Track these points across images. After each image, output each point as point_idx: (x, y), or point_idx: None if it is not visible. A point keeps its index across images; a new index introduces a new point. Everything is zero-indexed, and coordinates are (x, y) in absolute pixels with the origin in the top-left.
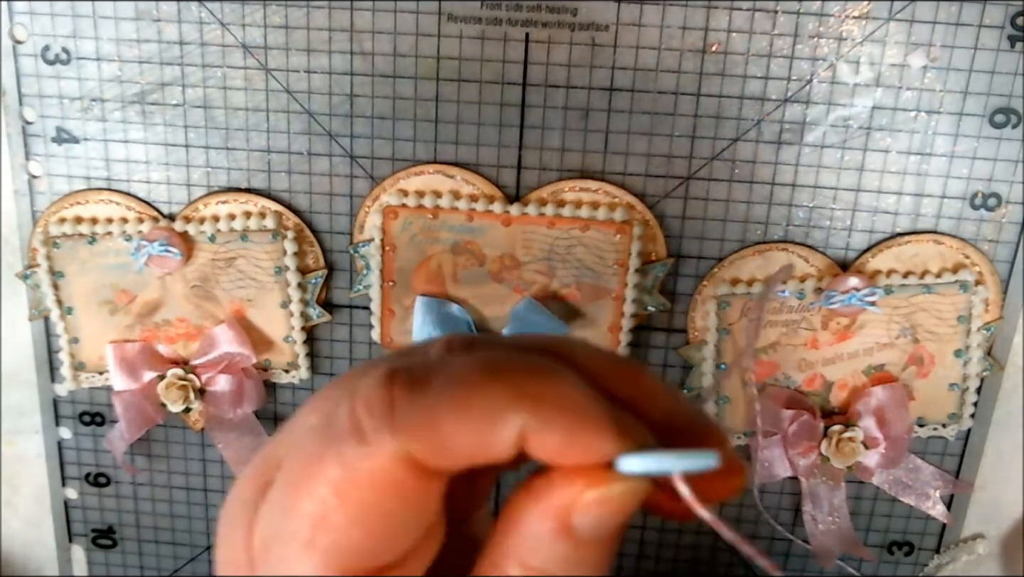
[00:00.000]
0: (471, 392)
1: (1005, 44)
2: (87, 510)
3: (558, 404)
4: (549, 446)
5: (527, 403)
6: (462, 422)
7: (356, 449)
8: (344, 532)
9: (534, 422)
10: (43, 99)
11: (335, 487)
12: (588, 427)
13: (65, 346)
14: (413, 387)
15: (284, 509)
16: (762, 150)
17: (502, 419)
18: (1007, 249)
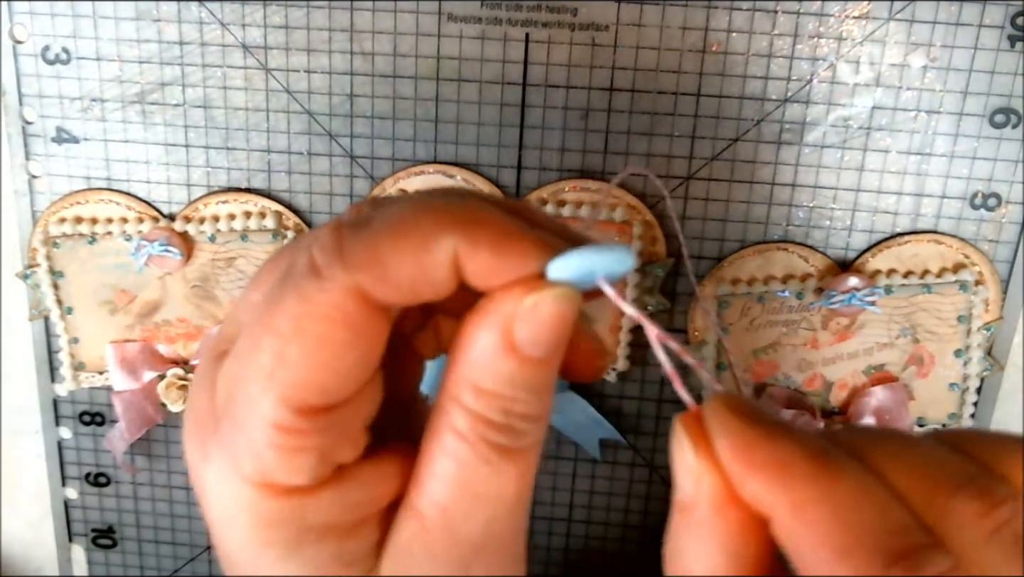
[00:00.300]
0: (407, 223)
1: (1005, 44)
2: (87, 510)
3: (484, 225)
4: (481, 264)
5: (457, 226)
6: (401, 249)
7: (313, 283)
8: (300, 365)
9: (464, 243)
10: (43, 99)
11: (294, 321)
12: (514, 242)
13: (65, 346)
14: (358, 226)
15: (246, 353)
16: (762, 150)
17: (436, 242)
18: (1007, 249)
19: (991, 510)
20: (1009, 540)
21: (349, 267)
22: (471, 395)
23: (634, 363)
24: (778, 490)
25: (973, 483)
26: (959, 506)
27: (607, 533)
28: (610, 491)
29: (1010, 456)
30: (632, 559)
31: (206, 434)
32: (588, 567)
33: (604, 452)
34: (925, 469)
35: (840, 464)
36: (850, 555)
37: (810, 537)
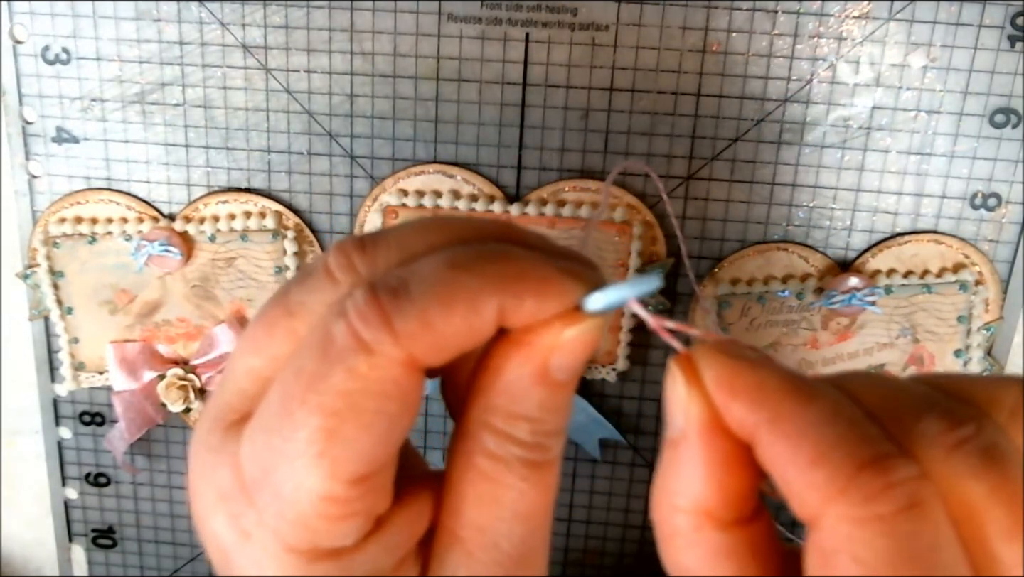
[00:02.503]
0: (452, 287)
1: (1005, 44)
2: (87, 510)
3: (526, 276)
4: (526, 313)
5: (501, 284)
6: (451, 316)
7: (363, 359)
8: (354, 441)
9: (509, 298)
10: (43, 99)
11: (345, 398)
12: (553, 285)
13: (65, 346)
14: (398, 296)
15: (286, 428)
16: (762, 150)
17: (483, 304)
18: (1007, 249)
19: (956, 427)
20: (974, 453)
21: (401, 340)
22: (503, 421)
23: (634, 363)
24: (757, 409)
25: (939, 405)
26: (925, 424)
27: (607, 533)
28: (610, 491)
29: (977, 387)
30: (632, 559)
31: (239, 510)
32: (588, 567)
33: (604, 452)
34: (894, 394)
35: (815, 386)
36: (822, 462)
37: (786, 449)
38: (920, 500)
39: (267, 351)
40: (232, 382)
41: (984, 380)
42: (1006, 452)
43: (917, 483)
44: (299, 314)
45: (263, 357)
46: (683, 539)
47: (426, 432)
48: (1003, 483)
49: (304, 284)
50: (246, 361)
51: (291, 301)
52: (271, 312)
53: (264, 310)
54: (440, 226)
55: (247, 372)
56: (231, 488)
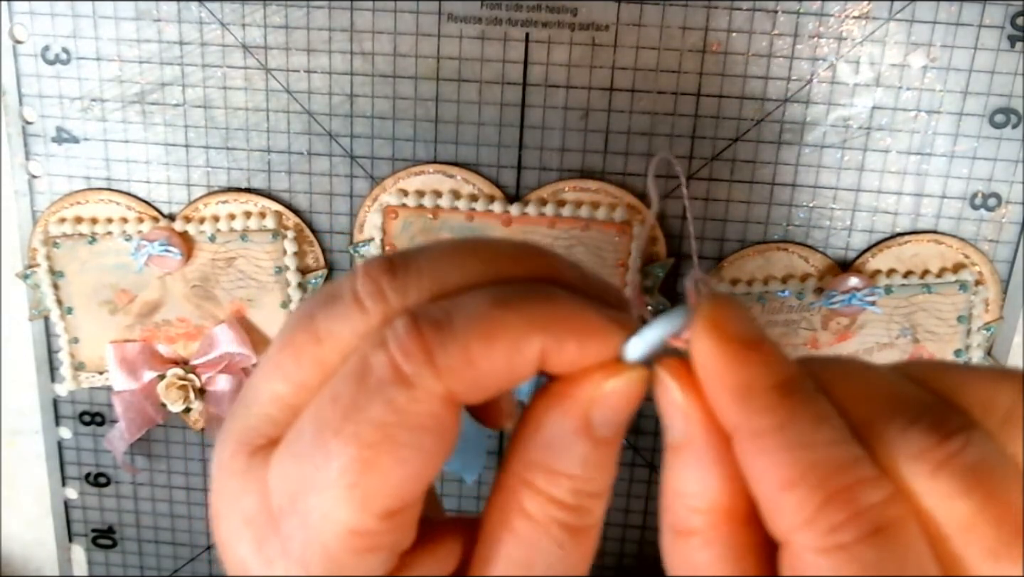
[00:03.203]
0: (496, 324)
1: (1005, 44)
2: (87, 510)
3: (569, 320)
4: (567, 356)
5: (544, 325)
6: (493, 354)
7: (403, 393)
8: (389, 474)
9: (551, 340)
10: (43, 99)
11: (382, 431)
12: (596, 331)
13: (65, 346)
14: (442, 330)
15: (319, 457)
16: (762, 150)
17: (526, 344)
18: (1007, 249)
19: (942, 442)
20: (960, 471)
21: (442, 375)
22: (544, 478)
23: None
24: (739, 413)
25: (926, 415)
26: (910, 438)
27: (607, 533)
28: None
29: (971, 387)
30: (632, 559)
31: (265, 537)
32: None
33: None
34: (883, 401)
35: (801, 396)
36: (792, 488)
37: (760, 465)
38: (886, 524)
39: (294, 378)
40: (258, 406)
41: (979, 377)
42: (994, 467)
43: (885, 506)
44: (327, 342)
45: (290, 384)
46: (700, 538)
47: None
48: (989, 502)
49: (331, 310)
50: (272, 387)
51: (319, 328)
52: (298, 338)
53: (289, 335)
54: (475, 253)
55: (273, 398)
56: (257, 514)
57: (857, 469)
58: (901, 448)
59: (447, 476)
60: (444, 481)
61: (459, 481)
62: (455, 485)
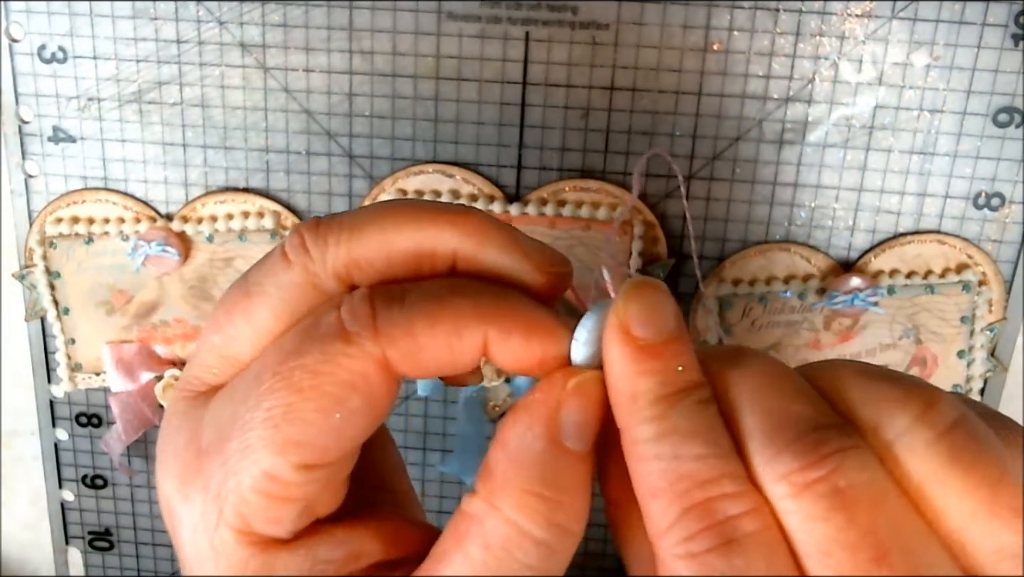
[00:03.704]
0: (443, 305)
1: (1009, 43)
2: (84, 512)
3: (514, 314)
4: (512, 349)
5: (488, 313)
6: (435, 331)
7: (340, 346)
8: (310, 424)
9: (495, 331)
10: (39, 98)
11: (312, 377)
12: (541, 327)
13: (62, 347)
14: (391, 300)
15: (252, 398)
16: (764, 149)
17: (468, 330)
18: (1011, 249)
19: (811, 465)
20: (821, 495)
21: (381, 339)
22: (518, 496)
23: None
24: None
25: (805, 436)
26: (781, 459)
27: (607, 535)
28: None
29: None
30: None
31: (188, 474)
32: (588, 569)
33: None
34: (771, 415)
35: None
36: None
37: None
38: (740, 537)
39: (225, 329)
40: (198, 357)
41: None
42: (864, 492)
43: (741, 521)
44: (254, 294)
45: (222, 335)
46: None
47: (426, 433)
48: (848, 527)
49: (262, 266)
50: (210, 338)
51: (249, 282)
52: (231, 293)
53: (227, 292)
54: (396, 209)
55: (209, 348)
56: (185, 451)
57: (720, 484)
58: (769, 468)
59: (446, 478)
60: (443, 483)
61: (459, 483)
62: (454, 487)
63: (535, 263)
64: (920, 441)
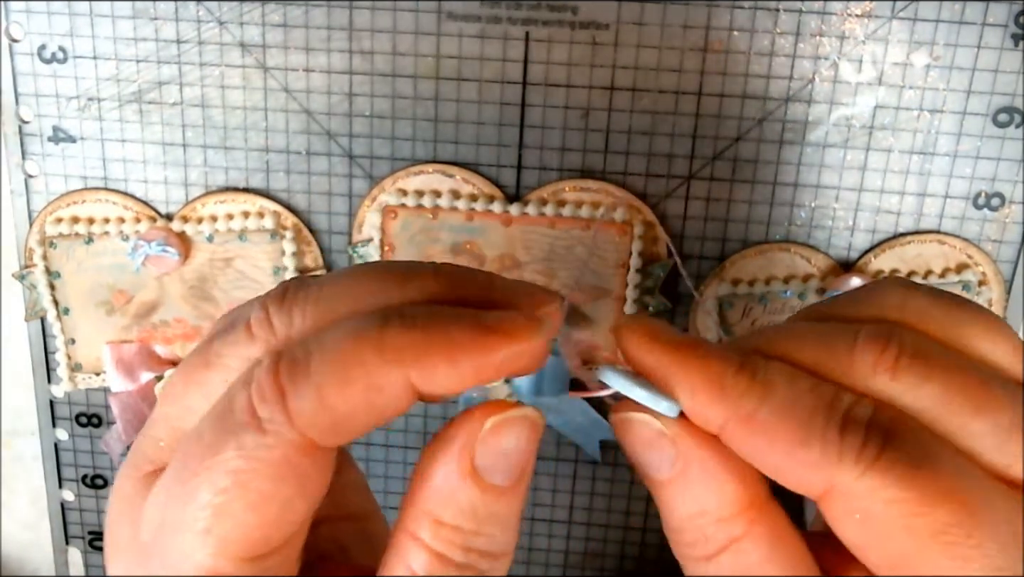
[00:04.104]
0: (348, 365)
1: (1009, 43)
2: (84, 512)
3: (431, 343)
4: (442, 381)
5: (402, 356)
6: (350, 395)
7: (256, 439)
8: (242, 520)
9: (416, 371)
10: (39, 98)
11: (235, 477)
12: (468, 347)
13: (62, 347)
14: (296, 370)
15: (179, 497)
16: (764, 149)
17: (385, 380)
18: (1011, 249)
19: (885, 348)
20: (907, 366)
21: (295, 421)
22: (429, 530)
23: None
24: (726, 408)
25: (859, 335)
26: (858, 360)
27: (607, 536)
28: (610, 493)
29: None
30: (632, 562)
31: (134, 567)
32: (588, 569)
33: (605, 454)
34: (819, 342)
35: (762, 367)
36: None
37: (767, 439)
38: (892, 426)
39: (181, 400)
40: (151, 429)
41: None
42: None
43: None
44: (215, 366)
45: (176, 406)
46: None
47: (425, 433)
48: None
49: (226, 336)
50: (163, 409)
51: (211, 352)
52: (191, 361)
53: (186, 358)
54: (364, 277)
55: (163, 420)
56: (128, 544)
57: (842, 398)
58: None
59: None
60: None
61: None
62: None
63: (519, 306)
64: None
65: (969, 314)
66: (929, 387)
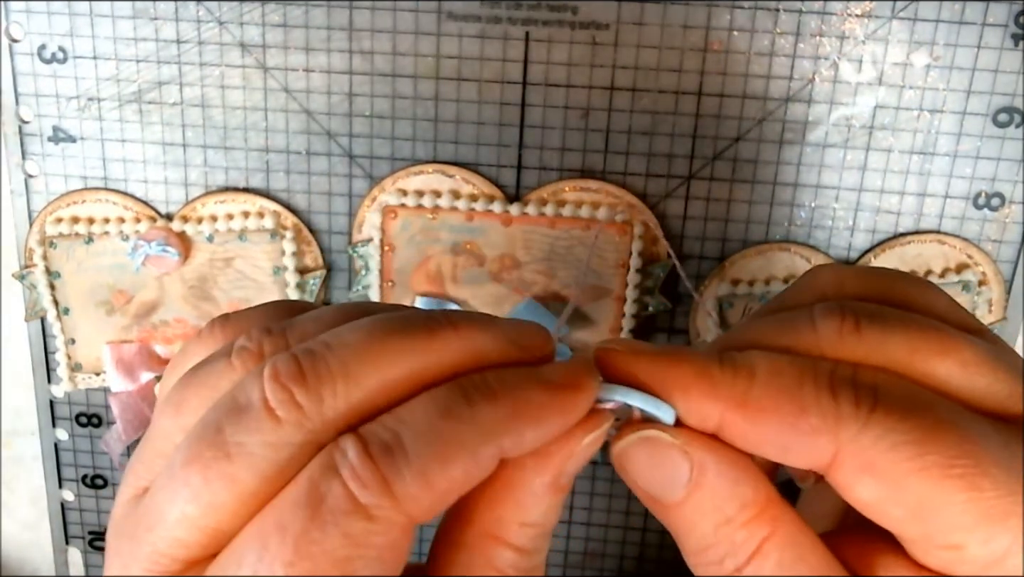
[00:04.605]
0: (448, 445)
1: (1009, 43)
2: (84, 512)
3: (519, 413)
4: (528, 445)
5: (495, 428)
6: (452, 472)
7: (365, 526)
8: None
9: (509, 441)
10: (40, 98)
11: (341, 564)
12: (551, 411)
13: (62, 347)
14: (395, 456)
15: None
16: (764, 149)
17: (483, 453)
18: (1011, 249)
19: (843, 317)
20: (868, 325)
21: (402, 504)
22: (514, 531)
23: None
24: (720, 399)
25: (814, 312)
26: (822, 331)
27: (607, 536)
28: (610, 493)
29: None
30: (632, 562)
31: None
32: (588, 569)
33: (605, 454)
34: (780, 328)
35: (740, 356)
36: (805, 411)
37: (767, 419)
38: (876, 380)
39: (203, 498)
40: (164, 529)
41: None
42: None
43: (863, 372)
44: (238, 457)
45: (199, 505)
46: (777, 538)
47: None
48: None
49: (241, 423)
50: (179, 508)
51: (228, 442)
52: (205, 453)
53: (195, 450)
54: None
55: (181, 520)
56: None
57: (822, 365)
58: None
59: None
60: None
61: None
62: None
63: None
64: None
65: (901, 277)
66: (893, 341)
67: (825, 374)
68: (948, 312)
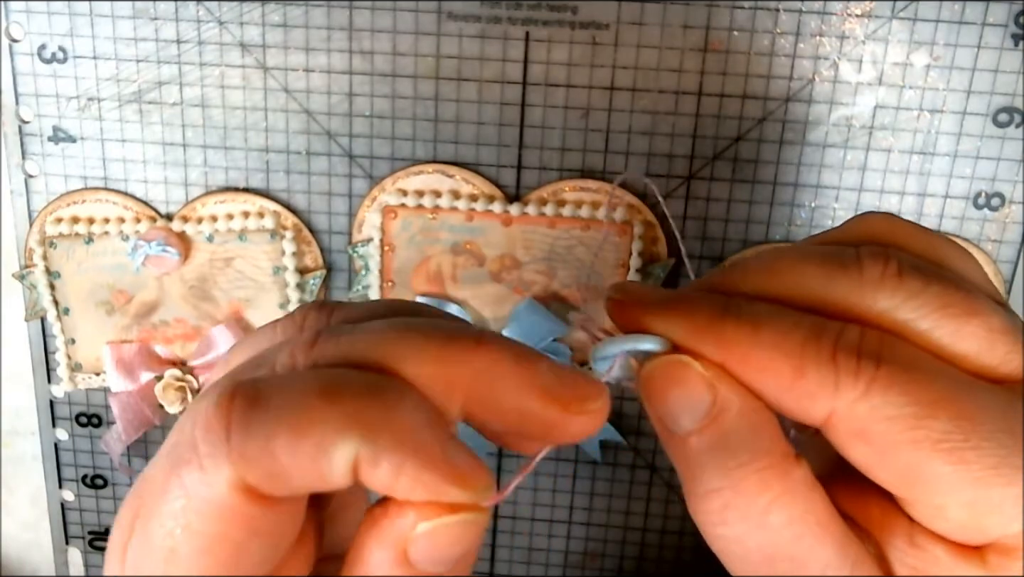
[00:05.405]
0: (307, 415)
1: (1009, 43)
2: (84, 512)
3: (392, 434)
4: (378, 478)
5: (360, 430)
6: (295, 448)
7: (194, 474)
8: (194, 564)
9: (365, 451)
10: (40, 98)
11: (180, 517)
12: (419, 462)
13: (62, 347)
14: (252, 408)
15: (144, 543)
16: (764, 149)
17: (333, 446)
18: (1010, 249)
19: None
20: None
21: (235, 461)
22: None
23: None
24: (722, 346)
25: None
26: (867, 270)
27: (607, 535)
28: (611, 493)
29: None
30: (632, 562)
31: None
32: (588, 569)
33: (605, 454)
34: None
35: (745, 308)
36: (802, 373)
37: (760, 378)
38: (880, 348)
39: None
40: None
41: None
42: (925, 265)
43: (870, 338)
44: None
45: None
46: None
47: None
48: (945, 286)
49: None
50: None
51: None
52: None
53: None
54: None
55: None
56: None
57: (828, 326)
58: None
59: None
60: None
61: None
62: None
63: (560, 401)
64: None
65: (946, 241)
66: (927, 295)
67: (830, 339)
68: (984, 283)
